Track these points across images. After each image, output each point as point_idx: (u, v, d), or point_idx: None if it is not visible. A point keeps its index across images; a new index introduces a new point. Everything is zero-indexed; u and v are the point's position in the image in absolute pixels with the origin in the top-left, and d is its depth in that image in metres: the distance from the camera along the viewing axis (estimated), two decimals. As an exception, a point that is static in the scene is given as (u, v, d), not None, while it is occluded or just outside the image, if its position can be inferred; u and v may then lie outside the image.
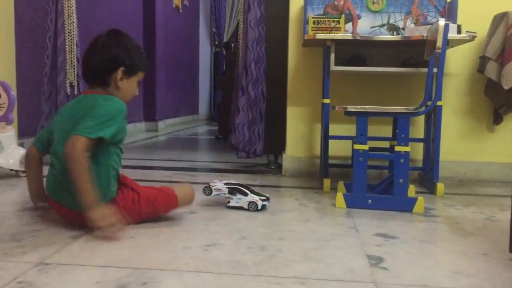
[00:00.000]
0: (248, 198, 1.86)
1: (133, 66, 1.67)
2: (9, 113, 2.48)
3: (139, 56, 1.70)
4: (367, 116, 1.91)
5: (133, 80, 1.70)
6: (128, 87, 1.69)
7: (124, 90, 1.68)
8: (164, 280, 1.14)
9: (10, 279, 1.11)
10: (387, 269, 1.25)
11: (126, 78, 1.67)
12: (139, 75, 1.72)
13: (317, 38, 2.24)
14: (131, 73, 1.68)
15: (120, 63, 1.64)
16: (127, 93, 1.70)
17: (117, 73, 1.64)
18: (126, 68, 1.65)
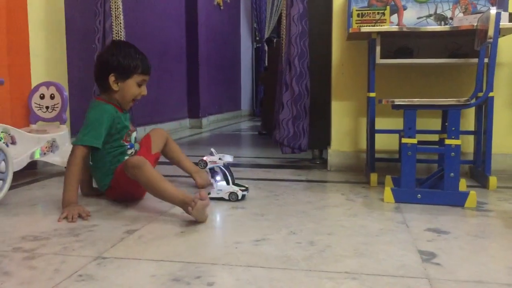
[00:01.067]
0: (229, 188, 1.92)
1: (125, 70, 1.85)
2: (62, 113, 2.58)
3: (132, 60, 1.86)
4: (416, 109, 1.88)
5: (130, 82, 1.87)
6: (126, 88, 1.87)
7: (121, 92, 1.87)
8: (216, 274, 1.16)
9: (72, 272, 1.17)
10: (440, 264, 1.22)
11: (121, 81, 1.86)
12: (136, 77, 1.87)
13: (362, 31, 2.21)
14: (124, 76, 1.86)
15: (110, 69, 1.84)
16: (126, 95, 1.88)
17: (110, 77, 1.84)
18: (116, 72, 1.84)
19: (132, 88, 1.88)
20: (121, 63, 1.84)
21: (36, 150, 2.32)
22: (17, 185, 2.22)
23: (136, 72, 1.87)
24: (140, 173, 1.71)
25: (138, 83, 1.89)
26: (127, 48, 1.89)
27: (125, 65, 1.84)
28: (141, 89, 1.91)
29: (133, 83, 1.87)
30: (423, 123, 2.35)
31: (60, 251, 1.32)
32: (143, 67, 1.88)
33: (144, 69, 1.89)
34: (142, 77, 1.89)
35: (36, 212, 1.81)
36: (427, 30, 2.20)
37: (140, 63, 1.87)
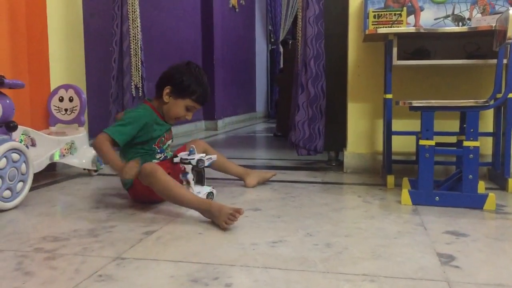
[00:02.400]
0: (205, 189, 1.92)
1: (182, 89, 1.93)
2: (81, 116, 2.62)
3: (194, 86, 1.94)
4: (434, 111, 1.86)
5: (180, 102, 1.95)
6: (174, 106, 1.96)
7: (169, 107, 1.96)
8: (234, 275, 1.17)
9: (92, 272, 1.18)
10: (459, 267, 1.21)
11: (173, 96, 1.94)
12: (188, 101, 1.96)
13: (378, 33, 2.20)
14: (178, 94, 1.94)
15: (170, 81, 1.94)
16: (171, 111, 1.97)
17: (165, 88, 1.93)
18: (173, 87, 1.93)
19: (179, 108, 1.96)
20: (183, 82, 1.93)
21: (55, 152, 2.36)
22: (37, 187, 2.26)
23: (191, 97, 1.95)
24: (153, 180, 1.73)
25: (188, 107, 1.97)
26: (197, 74, 1.97)
27: (185, 85, 1.93)
28: (187, 113, 1.99)
29: (183, 104, 1.96)
30: (441, 125, 2.34)
31: (80, 252, 1.34)
32: (200, 96, 1.97)
33: (199, 98, 1.97)
34: (194, 103, 1.97)
35: (56, 213, 1.84)
36: (444, 31, 2.18)
37: (199, 91, 1.95)
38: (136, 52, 3.06)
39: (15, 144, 1.87)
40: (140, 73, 3.08)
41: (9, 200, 1.83)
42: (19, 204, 1.88)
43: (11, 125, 2.11)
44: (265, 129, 6.17)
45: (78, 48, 2.98)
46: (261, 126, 6.77)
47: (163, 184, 1.72)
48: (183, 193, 1.72)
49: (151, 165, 1.77)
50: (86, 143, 2.59)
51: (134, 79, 3.07)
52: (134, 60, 3.07)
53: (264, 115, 8.62)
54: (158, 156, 1.99)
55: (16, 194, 1.87)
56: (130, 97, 3.08)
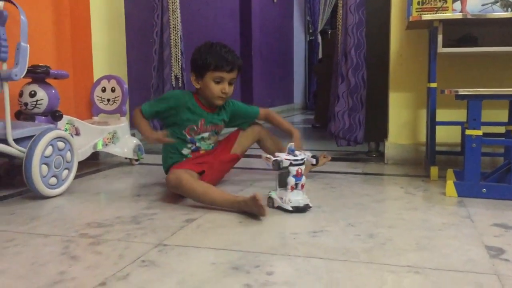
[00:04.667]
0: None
1: (199, 69, 1.90)
2: (122, 106, 2.66)
3: (208, 58, 1.87)
4: (482, 99, 1.79)
5: (206, 80, 1.90)
6: (205, 87, 1.91)
7: (203, 91, 1.93)
8: (275, 263, 1.16)
9: (135, 257, 1.20)
10: (509, 261, 1.17)
11: (199, 79, 1.92)
12: (210, 75, 1.88)
13: (423, 20, 2.14)
14: (200, 74, 1.91)
15: (191, 67, 1.95)
16: (206, 93, 1.93)
17: (191, 77, 1.95)
18: (194, 71, 1.93)
19: (210, 85, 1.89)
20: (196, 62, 1.91)
21: (98, 141, 2.41)
22: (81, 175, 2.32)
23: (208, 70, 1.88)
24: (181, 191, 1.73)
25: (215, 80, 1.89)
26: (206, 46, 1.93)
27: (198, 64, 1.90)
28: (220, 86, 1.89)
29: (209, 80, 1.89)
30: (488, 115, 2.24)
31: (123, 238, 1.36)
32: (217, 63, 1.87)
33: (218, 65, 1.87)
34: (216, 73, 1.88)
35: (100, 200, 1.88)
36: (493, 17, 2.09)
37: (212, 60, 1.87)
38: (176, 43, 3.08)
39: (61, 132, 1.92)
40: (180, 64, 3.11)
41: (55, 187, 1.88)
42: (64, 192, 1.93)
43: (57, 114, 2.18)
44: (302, 121, 6.13)
45: (120, 39, 3.03)
46: (299, 117, 6.72)
47: (191, 193, 1.70)
48: (213, 197, 1.67)
49: (174, 177, 1.74)
50: (127, 132, 2.63)
51: (174, 70, 3.10)
52: (174, 51, 3.09)
53: (301, 106, 8.56)
54: (189, 145, 1.96)
55: (62, 181, 1.92)
56: (170, 87, 3.11)
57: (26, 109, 2.13)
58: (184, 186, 1.71)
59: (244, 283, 1.05)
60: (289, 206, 1.61)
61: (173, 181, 1.74)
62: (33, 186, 1.78)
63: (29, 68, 1.88)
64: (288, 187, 1.63)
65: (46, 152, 1.81)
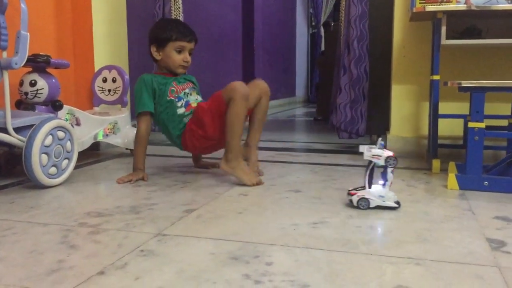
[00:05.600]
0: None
1: (161, 39, 2.03)
2: (123, 96, 2.65)
3: (166, 29, 2.03)
4: (485, 91, 1.78)
5: (168, 50, 2.03)
6: (166, 57, 2.04)
7: (164, 61, 2.06)
8: (275, 254, 1.16)
9: (134, 247, 1.20)
10: (511, 253, 1.16)
11: (161, 50, 2.04)
12: (173, 44, 2.02)
13: (426, 11, 2.12)
14: (161, 45, 2.04)
15: (151, 41, 2.06)
16: (168, 63, 2.06)
17: (152, 48, 2.06)
18: (155, 43, 2.04)
19: (172, 55, 2.04)
20: (157, 34, 2.04)
21: (99, 131, 2.40)
22: (81, 165, 2.31)
23: (170, 40, 2.02)
24: (233, 104, 1.89)
25: (177, 49, 2.04)
26: (164, 21, 2.18)
27: (160, 35, 2.03)
28: (182, 55, 2.05)
29: (171, 50, 2.03)
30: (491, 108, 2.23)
31: (123, 227, 1.35)
32: (177, 34, 2.02)
33: (178, 36, 2.02)
34: (178, 43, 2.03)
35: (99, 190, 1.87)
36: (497, 8, 2.07)
37: (174, 31, 2.02)
38: (178, 33, 3.06)
39: (61, 122, 1.91)
40: (181, 54, 3.09)
41: (55, 177, 1.88)
42: (64, 181, 1.93)
43: (57, 104, 2.17)
44: (304, 113, 6.11)
45: (121, 29, 3.02)
46: (301, 110, 6.71)
47: (236, 117, 1.88)
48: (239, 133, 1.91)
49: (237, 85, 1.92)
50: (128, 123, 2.63)
51: (175, 61, 3.08)
52: (176, 41, 3.07)
53: (303, 99, 8.54)
54: (179, 104, 2.04)
55: (62, 171, 1.91)
56: (171, 78, 3.10)
57: (26, 98, 2.12)
58: (238, 105, 1.89)
59: (243, 273, 1.04)
60: (393, 202, 1.54)
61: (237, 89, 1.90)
62: (33, 176, 1.77)
63: (29, 57, 1.87)
64: (388, 183, 1.54)
65: (46, 142, 1.81)
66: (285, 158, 2.57)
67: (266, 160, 2.47)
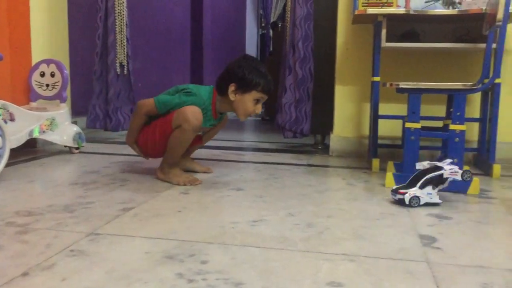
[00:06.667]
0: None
1: (246, 84, 1.88)
2: (62, 92, 2.55)
3: (257, 78, 1.89)
4: (421, 93, 1.84)
5: (247, 97, 1.91)
6: (242, 102, 1.92)
7: (238, 104, 1.92)
8: (211, 252, 1.14)
9: (63, 247, 1.14)
10: (440, 249, 1.20)
11: (239, 93, 1.90)
12: (254, 94, 1.90)
13: (368, 14, 2.17)
14: (244, 89, 1.89)
15: (233, 78, 1.89)
16: (241, 108, 1.93)
17: (230, 86, 1.89)
18: (237, 83, 1.88)
19: (248, 103, 1.92)
20: (245, 77, 1.89)
21: (35, 128, 2.30)
22: (15, 162, 2.20)
23: (256, 89, 1.90)
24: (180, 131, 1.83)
25: (256, 99, 1.92)
26: (256, 64, 1.94)
27: (248, 79, 1.88)
28: (256, 106, 1.94)
29: (251, 98, 1.91)
30: (428, 110, 2.32)
31: (53, 227, 1.30)
32: (265, 85, 1.91)
33: (265, 88, 1.91)
34: (261, 94, 1.92)
35: (33, 189, 1.79)
36: (435, 13, 2.15)
37: (263, 81, 1.90)
38: (122, 29, 2.99)
39: (-9, 117, 1.81)
40: (126, 50, 3.02)
41: (-16, 175, 1.77)
42: (-6, 179, 1.83)
43: (-12, 98, 2.05)
44: (253, 113, 6.13)
45: (62, 23, 2.91)
46: (250, 110, 6.72)
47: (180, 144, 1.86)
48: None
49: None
50: (67, 119, 2.53)
51: (119, 57, 3.01)
52: (119, 37, 3.00)
53: (253, 99, 8.55)
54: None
55: (-8, 168, 1.81)
56: (115, 75, 3.02)
57: (-46, 91, 1.99)
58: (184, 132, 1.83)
59: (177, 272, 1.01)
60: (437, 199, 1.63)
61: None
62: (-41, 173, 1.67)
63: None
64: (438, 188, 1.65)
65: (-26, 137, 1.71)
66: (230, 157, 2.56)
67: (211, 159, 2.45)
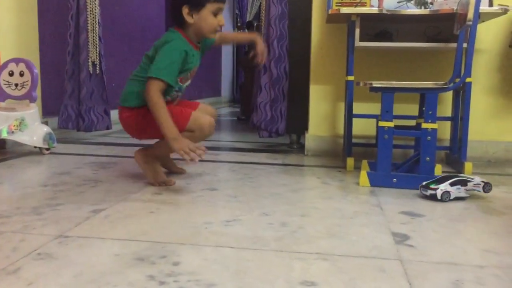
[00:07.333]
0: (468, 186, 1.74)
1: (197, 1, 1.73)
2: (32, 91, 2.49)
3: None
4: (393, 92, 1.85)
5: (205, 12, 1.75)
6: (202, 20, 1.76)
7: (198, 25, 1.77)
8: (183, 253, 1.12)
9: (30, 250, 1.11)
10: (413, 246, 1.20)
11: (195, 12, 1.75)
12: (210, 6, 1.75)
13: (341, 13, 2.17)
14: (197, 8, 1.75)
15: (185, 1, 1.74)
16: (203, 27, 1.78)
17: (183, 10, 1.74)
18: (189, 3, 1.73)
19: (209, 18, 1.76)
20: None
21: (3, 128, 2.24)
22: (-18, 164, 2.14)
23: (209, 1, 1.75)
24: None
25: (214, 12, 1.77)
26: None
27: None
28: (218, 18, 1.79)
29: (208, 12, 1.76)
30: (401, 109, 2.34)
31: (20, 230, 1.26)
32: None
33: None
34: (216, 5, 1.77)
35: (0, 191, 1.73)
36: (407, 13, 2.16)
37: None
38: (94, 27, 2.94)
39: (-44, 117, 1.75)
40: (98, 49, 2.97)
41: (-51, 177, 1.72)
42: (-40, 181, 1.77)
43: (-47, 97, 1.99)
44: (229, 113, 6.11)
45: (32, 21, 2.84)
46: (226, 110, 6.70)
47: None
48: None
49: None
50: (37, 119, 2.47)
51: (91, 56, 2.96)
52: (91, 35, 2.95)
53: (229, 99, 8.54)
54: (174, 92, 1.84)
55: (-43, 170, 1.75)
56: (87, 74, 2.97)
57: None
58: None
59: (148, 274, 0.99)
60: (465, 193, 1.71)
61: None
62: None
63: None
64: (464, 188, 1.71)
65: None
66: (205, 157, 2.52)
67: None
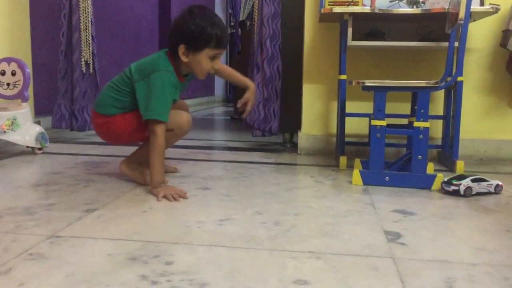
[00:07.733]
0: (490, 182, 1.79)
1: (196, 42, 1.67)
2: (24, 91, 2.48)
3: (207, 33, 1.66)
4: (386, 91, 1.86)
5: (200, 56, 1.69)
6: (196, 63, 1.71)
7: (191, 65, 1.73)
8: (176, 253, 1.12)
9: (22, 250, 1.11)
10: (405, 244, 1.21)
11: (191, 53, 1.70)
12: (207, 51, 1.69)
13: (334, 12, 2.18)
14: (195, 49, 1.69)
15: (181, 38, 1.68)
16: (197, 69, 1.74)
17: (180, 48, 1.69)
18: (187, 44, 1.68)
19: (203, 62, 1.71)
20: (194, 34, 1.66)
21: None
22: (-27, 164, 2.13)
23: (209, 46, 1.68)
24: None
25: (211, 56, 1.71)
26: (206, 15, 1.68)
27: (197, 37, 1.66)
28: (213, 62, 1.73)
29: (204, 57, 1.70)
30: (394, 108, 2.35)
31: (12, 230, 1.25)
32: (218, 40, 1.68)
33: (218, 42, 1.69)
34: (217, 51, 1.71)
35: (-8, 191, 1.73)
36: (399, 12, 2.17)
37: (215, 36, 1.67)
38: (86, 26, 2.93)
39: None
40: (91, 48, 2.96)
41: None
42: (-49, 182, 1.76)
43: None
44: (223, 113, 6.10)
45: (24, 20, 2.82)
46: (219, 109, 6.70)
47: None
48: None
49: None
50: (29, 119, 2.46)
51: (84, 55, 2.95)
52: (84, 35, 2.94)
53: (222, 99, 8.54)
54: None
55: None
56: (80, 73, 2.96)
57: None
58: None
59: (140, 274, 0.99)
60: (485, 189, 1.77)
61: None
62: None
63: None
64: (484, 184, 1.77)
65: None
66: (198, 156, 2.53)
67: (178, 158, 2.42)
